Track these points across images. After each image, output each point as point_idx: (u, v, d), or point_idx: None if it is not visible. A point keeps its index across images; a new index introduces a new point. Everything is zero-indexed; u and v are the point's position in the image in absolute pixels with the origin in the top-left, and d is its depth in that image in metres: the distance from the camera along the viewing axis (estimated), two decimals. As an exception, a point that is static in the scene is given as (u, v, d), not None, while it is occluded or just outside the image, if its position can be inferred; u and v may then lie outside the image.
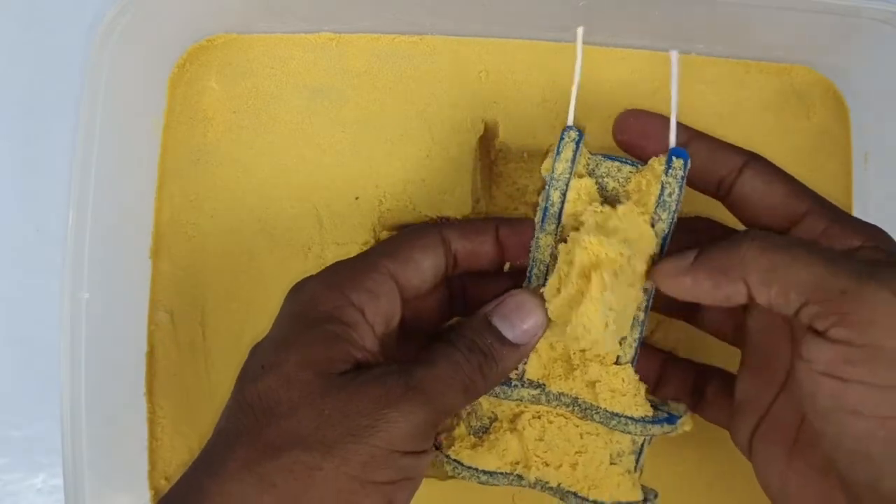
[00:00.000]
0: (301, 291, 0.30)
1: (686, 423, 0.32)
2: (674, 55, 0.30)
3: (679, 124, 0.31)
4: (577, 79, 0.31)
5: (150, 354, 0.38)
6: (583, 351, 0.31)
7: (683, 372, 0.35)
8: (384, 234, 0.39)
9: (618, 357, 0.31)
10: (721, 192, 0.31)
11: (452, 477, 0.33)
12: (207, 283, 0.39)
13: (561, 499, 0.32)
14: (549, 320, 0.30)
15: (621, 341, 0.31)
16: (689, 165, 0.30)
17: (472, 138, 0.39)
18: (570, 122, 0.31)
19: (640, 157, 0.32)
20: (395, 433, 0.27)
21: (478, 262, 0.33)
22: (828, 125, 0.40)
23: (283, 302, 0.31)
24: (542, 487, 0.32)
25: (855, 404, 0.26)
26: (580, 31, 0.30)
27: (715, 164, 0.31)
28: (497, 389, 0.31)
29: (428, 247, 0.32)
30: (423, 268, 0.31)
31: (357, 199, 0.39)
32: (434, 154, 0.39)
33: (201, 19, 0.38)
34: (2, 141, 0.40)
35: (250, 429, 0.27)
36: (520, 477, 0.32)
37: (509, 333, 0.30)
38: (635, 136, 0.32)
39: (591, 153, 0.32)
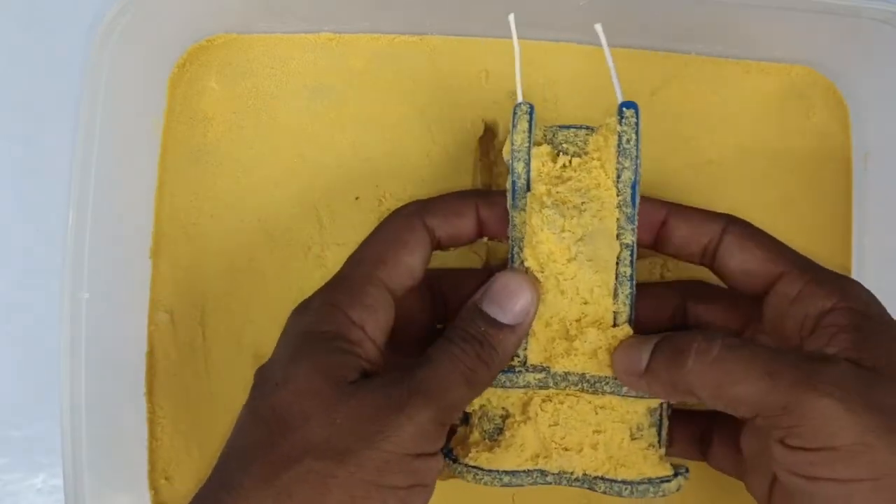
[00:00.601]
0: (304, 314, 0.31)
1: None
2: (598, 27, 0.31)
3: (655, 200, 0.32)
4: (517, 55, 0.31)
5: (150, 354, 0.38)
6: (578, 320, 0.31)
7: (689, 420, 0.35)
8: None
9: (615, 318, 0.31)
10: (706, 260, 0.32)
11: (452, 477, 0.33)
12: (207, 283, 0.38)
13: (590, 488, 0.32)
14: (539, 295, 0.30)
15: (614, 298, 0.31)
16: (640, 113, 0.30)
17: (472, 138, 0.39)
18: (519, 98, 0.31)
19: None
20: (404, 436, 0.27)
21: (459, 242, 0.33)
22: (828, 125, 0.40)
23: (286, 324, 0.31)
24: (567, 481, 0.32)
25: (825, 499, 0.26)
26: (511, 17, 0.31)
27: (695, 233, 0.32)
28: (503, 379, 0.31)
29: (416, 245, 0.32)
30: (413, 267, 0.32)
31: (357, 199, 0.39)
32: (434, 154, 0.39)
33: (201, 19, 0.38)
34: (2, 141, 0.40)
35: (264, 442, 0.27)
36: (543, 473, 0.32)
37: (501, 316, 0.30)
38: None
39: (545, 126, 0.32)
